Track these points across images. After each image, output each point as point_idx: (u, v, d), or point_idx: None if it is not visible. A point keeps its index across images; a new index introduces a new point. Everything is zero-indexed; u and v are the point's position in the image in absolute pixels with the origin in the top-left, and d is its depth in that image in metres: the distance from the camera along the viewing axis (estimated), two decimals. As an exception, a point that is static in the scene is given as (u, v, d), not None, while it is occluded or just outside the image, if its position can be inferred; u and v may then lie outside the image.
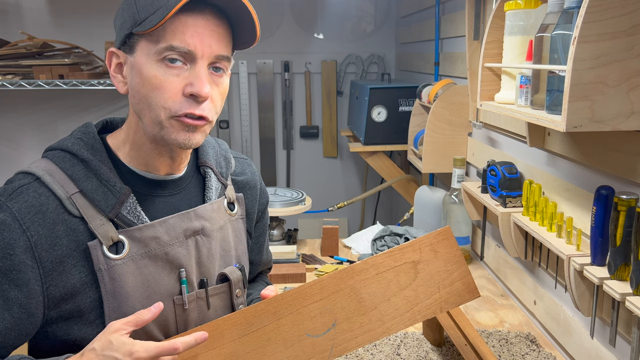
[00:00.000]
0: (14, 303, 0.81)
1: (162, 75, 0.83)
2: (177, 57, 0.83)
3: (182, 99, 0.84)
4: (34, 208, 0.82)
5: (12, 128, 3.05)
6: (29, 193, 0.83)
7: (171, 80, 0.83)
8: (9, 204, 0.82)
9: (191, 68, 0.84)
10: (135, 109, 0.88)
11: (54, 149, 0.89)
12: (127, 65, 0.87)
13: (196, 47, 0.83)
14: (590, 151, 1.14)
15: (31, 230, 0.81)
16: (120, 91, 0.89)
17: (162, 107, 0.84)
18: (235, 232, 1.03)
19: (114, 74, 0.90)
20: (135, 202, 0.88)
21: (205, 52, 0.84)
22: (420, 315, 0.93)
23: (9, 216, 0.81)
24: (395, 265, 0.93)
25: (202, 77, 0.84)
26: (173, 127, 0.86)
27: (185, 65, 0.84)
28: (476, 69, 1.51)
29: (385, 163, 2.61)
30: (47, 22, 2.94)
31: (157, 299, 0.89)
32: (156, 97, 0.84)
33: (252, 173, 1.11)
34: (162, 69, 0.83)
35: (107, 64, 0.90)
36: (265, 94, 3.33)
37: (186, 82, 0.84)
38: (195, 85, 0.84)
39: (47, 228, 0.82)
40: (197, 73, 0.84)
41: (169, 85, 0.84)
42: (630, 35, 0.86)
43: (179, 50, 0.82)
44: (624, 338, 1.06)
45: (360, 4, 3.27)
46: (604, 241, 1.01)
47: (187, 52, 0.83)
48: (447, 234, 0.95)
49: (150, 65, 0.83)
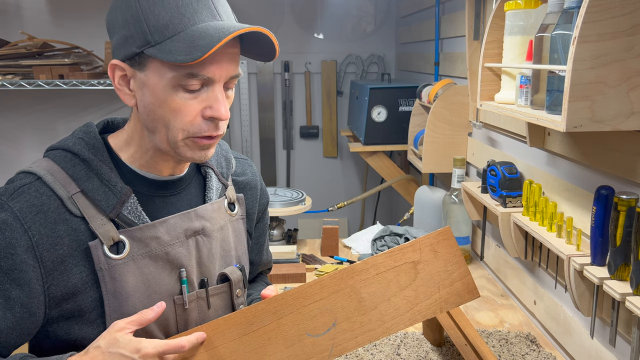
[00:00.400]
0: (15, 302, 0.81)
1: (180, 99, 0.82)
2: (196, 83, 0.82)
3: (201, 122, 0.85)
4: (35, 208, 0.82)
5: (12, 128, 3.05)
6: (30, 193, 0.83)
7: (190, 104, 0.83)
8: (10, 203, 0.82)
9: (208, 90, 0.84)
10: (148, 125, 0.87)
11: (56, 148, 0.89)
12: (136, 80, 0.85)
13: (215, 73, 0.82)
14: (590, 151, 1.14)
15: (32, 230, 0.81)
16: (128, 104, 0.87)
17: (180, 129, 0.84)
18: (236, 233, 1.03)
19: (119, 86, 0.87)
20: (136, 202, 0.89)
21: (222, 76, 0.84)
22: (420, 315, 0.93)
23: (10, 216, 0.81)
24: (395, 265, 0.93)
25: (220, 99, 0.84)
26: (188, 146, 0.86)
27: (203, 87, 0.84)
28: (476, 69, 1.51)
29: (385, 163, 2.61)
30: (47, 22, 2.94)
31: (157, 298, 0.89)
32: (175, 120, 0.83)
33: (252, 173, 1.11)
34: (180, 92, 0.82)
35: (110, 76, 0.87)
36: (265, 94, 3.33)
37: (204, 104, 0.84)
38: (215, 108, 0.84)
39: (49, 228, 0.83)
40: (214, 96, 0.84)
41: (188, 109, 0.83)
42: (630, 35, 0.86)
43: (199, 78, 0.82)
44: (624, 338, 1.06)
45: (360, 4, 3.27)
46: (604, 241, 1.01)
47: (206, 79, 0.82)
48: (447, 234, 0.95)
49: (166, 88, 0.82)
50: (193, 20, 0.80)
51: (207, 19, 0.81)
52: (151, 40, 0.80)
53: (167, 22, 0.79)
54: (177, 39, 0.79)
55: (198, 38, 0.78)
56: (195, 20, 0.80)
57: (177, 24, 0.79)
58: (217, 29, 0.79)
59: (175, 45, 0.79)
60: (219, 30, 0.79)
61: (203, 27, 0.80)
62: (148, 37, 0.80)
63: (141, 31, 0.80)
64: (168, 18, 0.79)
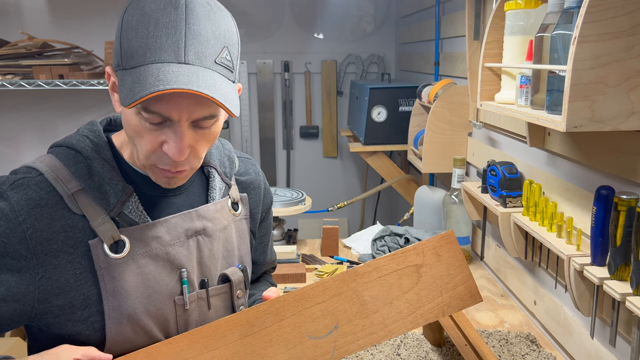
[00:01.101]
0: (1, 284, 0.81)
1: (142, 126, 0.80)
2: (154, 118, 0.78)
3: (161, 152, 0.82)
4: (32, 201, 0.83)
5: (12, 128, 3.05)
6: (30, 186, 0.84)
7: (150, 134, 0.80)
8: (9, 193, 0.83)
9: (170, 126, 0.79)
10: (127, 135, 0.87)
11: (60, 145, 0.90)
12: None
13: (171, 114, 0.77)
14: (590, 151, 1.14)
15: (27, 223, 0.82)
16: (116, 110, 0.87)
17: (142, 153, 0.83)
18: (239, 233, 1.03)
19: (111, 92, 0.86)
20: (137, 201, 0.89)
21: (183, 117, 0.78)
22: (423, 319, 0.93)
23: (7, 206, 0.82)
24: (398, 268, 0.93)
25: (176, 139, 0.79)
26: (153, 171, 0.86)
27: (165, 122, 0.79)
28: (476, 69, 1.51)
29: (385, 163, 2.61)
30: (47, 22, 2.94)
31: (157, 298, 0.89)
32: (137, 142, 0.82)
33: (256, 173, 1.11)
34: (140, 119, 0.79)
35: (107, 79, 0.87)
36: (265, 94, 3.33)
37: (163, 138, 0.80)
38: (169, 147, 0.80)
39: (44, 222, 0.83)
40: (173, 133, 0.79)
41: (148, 137, 0.80)
42: (630, 35, 0.86)
43: (155, 115, 0.77)
44: (624, 338, 1.06)
45: (360, 4, 3.27)
46: (604, 241, 1.01)
47: (161, 118, 0.78)
48: (450, 238, 0.95)
49: (130, 110, 0.80)
50: (154, 56, 0.75)
51: (169, 58, 0.75)
52: (121, 63, 0.79)
53: (133, 50, 0.76)
54: (133, 73, 0.76)
55: (138, 82, 0.74)
56: (156, 57, 0.75)
57: (140, 55, 0.76)
58: (160, 79, 0.73)
59: (127, 80, 0.76)
60: (160, 80, 0.73)
61: (154, 68, 0.75)
62: (119, 59, 0.79)
63: (117, 51, 0.80)
64: (135, 47, 0.76)
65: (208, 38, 0.77)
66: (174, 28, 0.75)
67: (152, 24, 0.76)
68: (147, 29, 0.76)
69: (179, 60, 0.75)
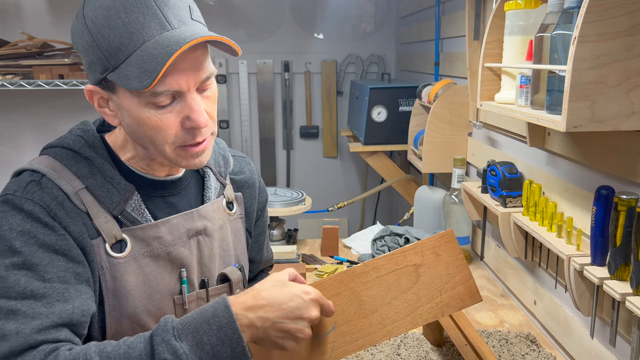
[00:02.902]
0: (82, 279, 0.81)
1: (155, 116, 0.81)
2: (165, 98, 0.80)
3: (183, 132, 0.83)
4: (53, 198, 0.82)
5: (12, 128, 3.05)
6: (42, 187, 0.83)
7: (166, 118, 0.81)
8: (27, 196, 0.81)
9: (181, 101, 0.82)
10: (137, 141, 0.87)
11: (55, 146, 0.89)
12: (112, 102, 0.84)
13: (180, 85, 0.80)
14: (590, 151, 1.14)
15: (59, 217, 0.81)
16: (112, 124, 0.87)
17: (164, 142, 0.83)
18: (234, 232, 1.03)
19: (100, 108, 0.86)
20: (139, 200, 0.89)
21: (190, 84, 0.81)
22: (422, 319, 0.93)
23: (34, 205, 0.80)
24: (396, 268, 0.92)
25: (195, 108, 0.82)
26: (181, 156, 0.86)
27: (175, 99, 0.81)
28: (476, 69, 1.51)
29: (385, 163, 2.61)
30: (47, 22, 2.94)
31: (158, 298, 0.89)
32: (157, 136, 0.83)
33: (250, 171, 1.11)
34: (153, 109, 0.80)
35: (90, 101, 0.86)
36: (265, 94, 3.33)
37: (182, 116, 0.82)
38: (192, 118, 0.82)
39: (70, 217, 0.83)
40: (189, 105, 0.82)
41: (166, 123, 0.82)
42: (630, 35, 0.86)
43: (165, 94, 0.79)
44: (624, 338, 1.06)
45: (360, 4, 3.27)
46: (604, 241, 1.01)
47: (173, 92, 0.80)
48: (450, 237, 0.94)
49: (139, 108, 0.81)
50: (142, 37, 0.77)
51: (157, 31, 0.77)
52: (109, 65, 0.78)
53: (117, 44, 0.77)
54: (130, 62, 0.77)
55: (147, 61, 0.76)
56: (145, 37, 0.77)
57: (127, 44, 0.77)
58: (163, 46, 0.76)
59: (129, 69, 0.77)
60: (164, 48, 0.76)
61: (152, 44, 0.76)
62: (105, 62, 0.78)
63: (98, 57, 0.79)
64: (118, 40, 0.77)
65: (175, 1, 0.80)
66: (144, 5, 0.77)
67: (122, 11, 0.76)
68: (119, 18, 0.76)
69: (167, 29, 0.78)
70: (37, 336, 0.74)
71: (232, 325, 0.75)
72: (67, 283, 0.79)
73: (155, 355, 0.73)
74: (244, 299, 0.79)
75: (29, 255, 0.78)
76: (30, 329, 0.74)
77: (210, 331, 0.75)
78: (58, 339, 0.76)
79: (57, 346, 0.75)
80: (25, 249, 0.78)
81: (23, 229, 0.79)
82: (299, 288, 0.81)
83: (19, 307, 0.75)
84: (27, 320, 0.75)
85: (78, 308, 0.79)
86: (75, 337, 0.79)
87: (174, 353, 0.73)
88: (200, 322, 0.76)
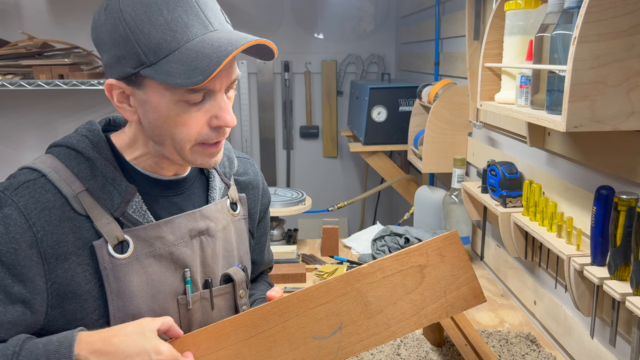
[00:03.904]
0: (17, 299, 0.80)
1: (185, 113, 0.81)
2: (198, 96, 0.81)
3: (208, 130, 0.84)
4: (40, 204, 0.82)
5: (12, 128, 3.05)
6: (36, 189, 0.83)
7: (195, 116, 0.82)
8: (14, 198, 0.81)
9: (211, 100, 0.83)
10: (154, 138, 0.86)
11: (59, 145, 0.88)
12: (135, 98, 0.83)
13: (215, 85, 0.81)
14: (590, 151, 1.14)
15: (37, 226, 0.81)
16: (130, 120, 0.86)
17: (187, 140, 0.84)
18: (238, 233, 1.03)
19: (119, 104, 0.85)
20: (141, 201, 0.89)
21: (223, 85, 0.83)
22: (426, 319, 0.93)
23: (15, 211, 0.81)
24: (401, 268, 0.93)
25: (224, 108, 0.83)
26: (197, 154, 0.86)
27: (205, 98, 0.82)
28: (476, 69, 1.51)
29: (385, 163, 2.61)
30: (47, 22, 2.94)
31: (161, 298, 0.89)
32: (181, 133, 0.83)
33: (254, 173, 1.11)
34: (183, 106, 0.81)
35: (108, 95, 0.85)
36: (265, 94, 3.33)
37: (210, 114, 0.83)
38: (221, 117, 0.83)
39: (53, 225, 0.82)
40: (218, 105, 0.83)
41: (194, 121, 0.82)
42: (630, 35, 0.86)
43: (199, 92, 0.80)
44: (624, 338, 1.06)
45: (360, 4, 3.27)
46: (604, 241, 1.01)
47: (208, 90, 0.81)
48: (454, 239, 0.95)
49: (168, 105, 0.81)
50: (186, 36, 0.77)
51: (200, 31, 0.78)
52: (146, 61, 0.78)
53: (159, 41, 0.77)
54: (172, 59, 0.77)
55: (196, 59, 0.76)
56: (189, 35, 0.77)
57: (170, 41, 0.77)
58: (214, 47, 0.76)
59: (172, 66, 0.76)
60: (216, 48, 0.76)
61: (198, 43, 0.77)
62: (142, 57, 0.78)
63: (134, 52, 0.78)
64: (160, 36, 0.76)
65: (212, 3, 0.83)
66: (187, 4, 0.78)
67: (164, 8, 0.77)
68: (161, 15, 0.77)
69: (210, 30, 0.80)
70: None
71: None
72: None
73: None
74: (94, 339, 0.79)
75: None
76: None
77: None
78: None
79: None
80: None
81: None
82: (153, 344, 0.79)
83: None
84: None
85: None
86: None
87: None
88: (41, 355, 0.76)
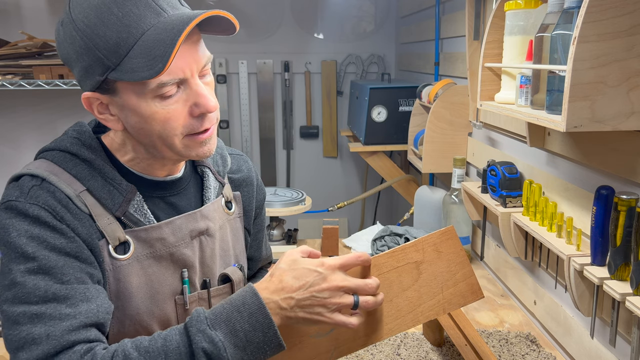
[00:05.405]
0: (95, 279, 0.82)
1: (162, 108, 0.80)
2: (171, 88, 0.80)
3: (192, 120, 0.83)
4: (57, 201, 0.81)
5: (12, 128, 3.05)
6: (44, 192, 0.82)
7: (174, 109, 0.81)
8: (32, 201, 0.80)
9: (186, 88, 0.82)
10: (142, 141, 0.86)
11: (51, 149, 0.87)
12: (114, 105, 0.83)
13: (184, 71, 0.80)
14: (590, 151, 1.14)
15: (66, 220, 0.81)
16: (115, 129, 0.86)
17: (174, 135, 0.83)
18: (233, 232, 1.03)
19: (101, 115, 0.85)
20: (141, 201, 0.88)
21: (193, 70, 0.81)
22: (423, 316, 0.92)
23: (40, 210, 0.80)
24: (397, 265, 0.92)
25: (202, 93, 0.82)
26: (189, 146, 0.85)
27: (180, 87, 0.81)
28: (476, 69, 1.51)
29: (385, 163, 2.61)
30: (47, 22, 2.94)
31: (160, 298, 0.89)
32: (166, 129, 0.82)
33: (248, 169, 1.10)
34: (159, 102, 0.80)
35: (88, 109, 0.84)
36: (265, 94, 3.33)
37: (189, 104, 0.82)
38: (200, 104, 0.82)
39: (76, 219, 0.82)
40: (195, 91, 0.82)
41: (175, 114, 0.82)
42: (630, 35, 0.86)
43: (170, 84, 0.79)
44: (624, 338, 1.06)
45: (360, 4, 3.27)
46: (604, 241, 1.01)
47: (177, 80, 0.80)
48: (451, 234, 0.94)
49: (145, 104, 0.80)
50: (141, 28, 0.76)
51: (154, 20, 0.77)
52: (110, 64, 0.77)
53: (116, 40, 0.76)
54: (133, 55, 0.76)
55: (153, 48, 0.75)
56: (143, 27, 0.76)
57: (126, 38, 0.76)
58: (167, 31, 0.76)
59: (134, 62, 0.76)
60: (169, 31, 0.76)
61: (153, 32, 0.76)
62: (105, 62, 0.77)
63: (96, 58, 0.77)
64: (116, 35, 0.76)
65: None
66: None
67: (113, 6, 0.76)
68: (112, 14, 0.76)
69: (163, 16, 0.78)
70: (69, 337, 0.74)
71: (262, 310, 0.77)
72: (85, 283, 0.80)
73: (193, 345, 0.75)
74: (265, 284, 0.81)
75: (43, 259, 0.78)
76: (61, 331, 0.74)
77: (242, 319, 0.77)
78: (89, 339, 0.76)
79: (92, 346, 0.76)
80: (38, 253, 0.77)
81: (32, 234, 0.78)
82: (311, 262, 0.81)
83: (43, 310, 0.75)
84: (55, 323, 0.75)
85: (101, 306, 0.79)
86: (102, 337, 0.79)
87: (211, 341, 0.75)
88: (231, 311, 0.78)
